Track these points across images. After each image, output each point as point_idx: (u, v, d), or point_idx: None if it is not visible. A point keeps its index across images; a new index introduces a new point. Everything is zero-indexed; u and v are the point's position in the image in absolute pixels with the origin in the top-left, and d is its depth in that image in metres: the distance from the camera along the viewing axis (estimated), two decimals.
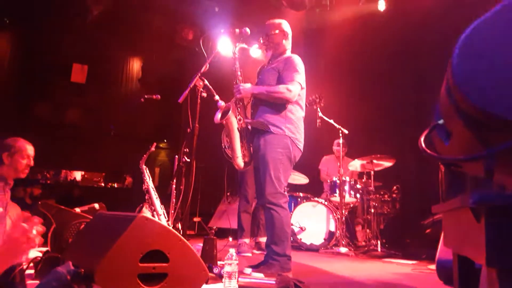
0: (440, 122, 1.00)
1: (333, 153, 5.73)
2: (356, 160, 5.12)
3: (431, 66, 4.98)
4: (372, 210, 4.88)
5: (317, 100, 4.70)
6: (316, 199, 5.10)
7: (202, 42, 3.56)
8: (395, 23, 6.05)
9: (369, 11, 6.49)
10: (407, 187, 5.32)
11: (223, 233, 5.41)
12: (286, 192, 3.00)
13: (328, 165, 5.83)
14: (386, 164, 5.09)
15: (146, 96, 4.11)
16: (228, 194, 6.11)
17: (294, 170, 4.95)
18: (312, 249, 4.82)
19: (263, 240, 4.12)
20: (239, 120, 3.06)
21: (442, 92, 0.94)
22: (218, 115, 3.00)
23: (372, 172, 5.01)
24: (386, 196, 5.05)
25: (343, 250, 4.53)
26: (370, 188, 4.99)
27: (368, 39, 6.34)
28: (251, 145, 3.10)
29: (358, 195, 5.13)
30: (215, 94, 3.09)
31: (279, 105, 3.04)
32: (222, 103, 3.04)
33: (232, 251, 2.05)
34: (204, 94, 3.03)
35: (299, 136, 3.07)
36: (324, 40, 6.95)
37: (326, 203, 4.99)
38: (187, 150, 3.01)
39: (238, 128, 3.02)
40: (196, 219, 6.55)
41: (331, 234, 4.83)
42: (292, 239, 4.54)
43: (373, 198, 4.95)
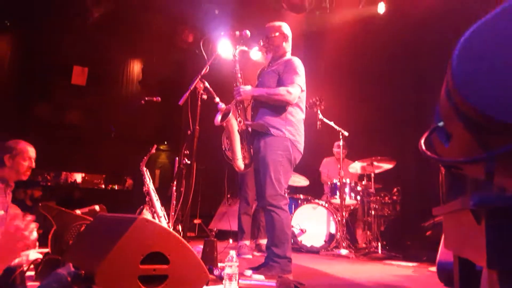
0: (440, 124, 1.00)
1: (333, 155, 5.73)
2: (356, 162, 5.12)
3: (431, 68, 4.99)
4: (372, 212, 4.88)
5: (317, 103, 4.71)
6: (316, 201, 5.09)
7: (202, 45, 3.56)
8: (394, 26, 6.06)
9: (368, 14, 6.50)
10: (407, 189, 5.31)
11: (223, 235, 5.40)
12: (287, 194, 3.00)
13: (328, 167, 5.83)
14: (387, 166, 5.09)
15: (146, 98, 4.11)
16: (229, 196, 6.10)
17: (295, 172, 4.94)
18: (312, 251, 4.81)
19: (264, 242, 4.11)
20: (239, 122, 3.06)
21: (442, 94, 0.94)
22: (218, 117, 3.00)
23: (372, 174, 5.01)
24: (386, 198, 5.05)
25: (344, 252, 4.53)
26: (370, 190, 4.98)
27: (368, 41, 6.35)
28: (251, 147, 3.10)
29: (359, 197, 5.12)
30: (215, 96, 3.09)
31: (279, 107, 3.04)
32: (222, 105, 3.04)
33: (233, 253, 2.05)
34: (205, 96, 3.04)
35: (299, 138, 3.07)
36: (324, 43, 6.96)
37: (326, 205, 4.98)
38: (188, 152, 3.02)
39: (238, 130, 3.02)
40: (197, 221, 6.54)
41: (331, 236, 4.82)
42: (292, 241, 4.54)
43: (373, 200, 4.95)
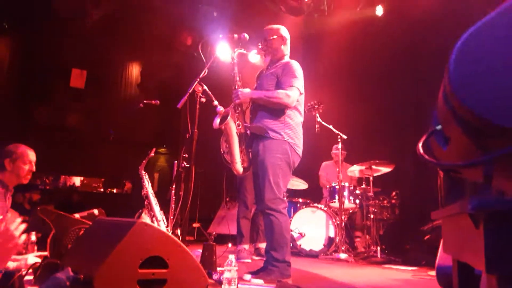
0: (438, 127, 1.00)
1: (332, 158, 5.73)
2: (355, 165, 5.12)
3: (430, 71, 4.99)
4: (371, 216, 4.87)
5: (316, 106, 4.72)
6: (315, 204, 5.08)
7: (201, 47, 3.56)
8: (393, 28, 6.08)
9: (367, 16, 6.52)
10: (406, 193, 5.31)
11: (222, 239, 5.39)
12: (285, 198, 3.00)
13: (327, 170, 5.83)
14: (385, 169, 5.10)
15: (145, 101, 4.12)
16: (227, 199, 6.09)
17: (293, 176, 4.94)
18: (311, 255, 4.80)
19: (263, 246, 4.10)
20: (238, 125, 3.06)
21: (439, 97, 0.94)
22: (217, 120, 3.00)
23: (371, 178, 5.01)
24: (385, 201, 5.04)
25: (343, 256, 4.52)
26: (369, 194, 4.98)
27: (367, 44, 6.37)
28: (250, 150, 3.09)
29: (358, 201, 5.12)
30: (214, 99, 3.09)
31: (278, 110, 3.03)
32: (221, 108, 3.04)
33: (232, 257, 2.04)
34: (203, 99, 3.04)
35: (298, 141, 3.07)
36: (323, 46, 6.98)
37: (325, 208, 4.98)
38: (186, 155, 3.02)
39: (237, 133, 3.02)
40: (196, 225, 6.54)
41: (330, 240, 4.82)
42: (291, 245, 4.53)
43: (372, 203, 4.94)
